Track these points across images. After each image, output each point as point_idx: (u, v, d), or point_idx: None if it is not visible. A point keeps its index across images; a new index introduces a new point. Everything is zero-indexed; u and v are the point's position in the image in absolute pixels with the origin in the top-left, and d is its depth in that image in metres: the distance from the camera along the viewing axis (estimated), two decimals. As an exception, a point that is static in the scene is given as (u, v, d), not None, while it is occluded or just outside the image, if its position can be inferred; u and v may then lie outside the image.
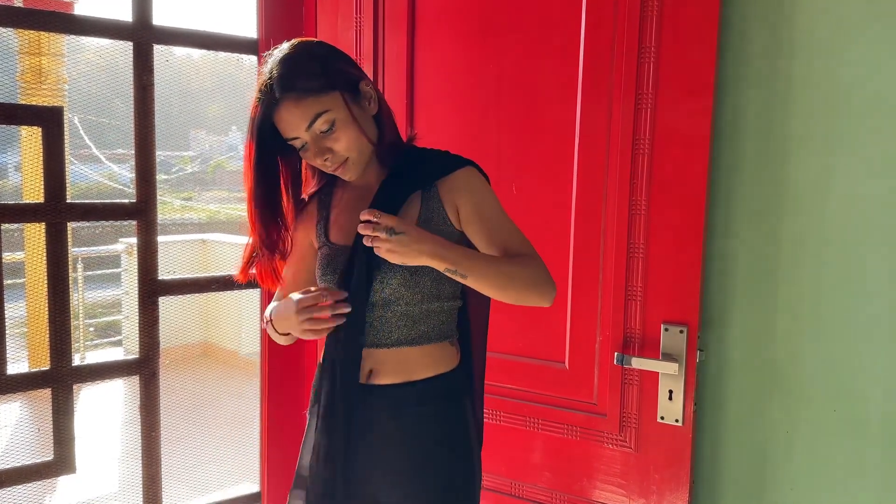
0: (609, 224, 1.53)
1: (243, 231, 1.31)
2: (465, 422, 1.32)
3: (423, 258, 1.13)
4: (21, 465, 1.63)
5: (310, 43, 1.24)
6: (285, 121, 1.17)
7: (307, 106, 1.15)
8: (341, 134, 1.18)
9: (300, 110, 1.16)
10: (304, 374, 1.99)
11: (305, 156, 1.22)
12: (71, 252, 1.64)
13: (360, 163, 1.23)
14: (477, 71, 1.68)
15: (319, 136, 1.18)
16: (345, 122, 1.18)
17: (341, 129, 1.18)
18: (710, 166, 1.44)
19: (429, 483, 1.26)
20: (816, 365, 1.45)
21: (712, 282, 1.53)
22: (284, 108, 1.16)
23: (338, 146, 1.19)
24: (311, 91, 1.15)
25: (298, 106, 1.15)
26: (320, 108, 1.16)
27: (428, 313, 1.26)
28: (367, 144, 1.23)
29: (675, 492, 1.49)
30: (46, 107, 1.58)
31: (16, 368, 1.57)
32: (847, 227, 1.40)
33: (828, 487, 1.45)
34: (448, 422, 1.30)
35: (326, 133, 1.18)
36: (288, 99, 1.15)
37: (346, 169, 1.22)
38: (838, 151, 1.40)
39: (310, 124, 1.16)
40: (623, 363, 1.50)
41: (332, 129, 1.18)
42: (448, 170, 1.26)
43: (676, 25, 1.43)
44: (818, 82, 1.41)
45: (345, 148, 1.19)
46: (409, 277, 1.23)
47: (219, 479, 3.64)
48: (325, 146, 1.19)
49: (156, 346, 1.77)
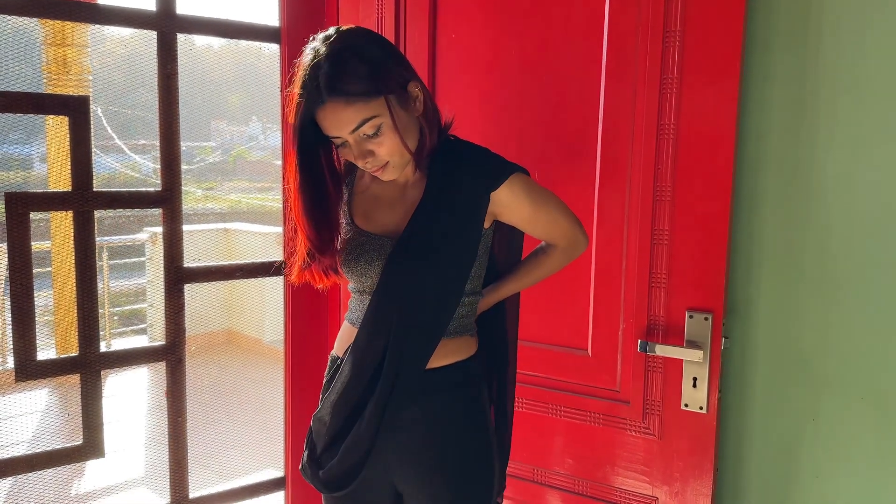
0: (633, 210, 1.52)
1: (265, 220, 1.31)
2: (482, 408, 1.32)
3: None
4: (52, 450, 1.65)
5: (359, 38, 1.17)
6: (329, 121, 1.14)
7: (355, 110, 1.12)
8: (385, 139, 1.15)
9: (347, 114, 1.12)
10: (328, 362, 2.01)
11: (344, 153, 1.20)
12: (96, 241, 1.66)
13: (401, 165, 1.22)
14: (499, 56, 1.67)
15: (363, 139, 1.16)
16: (390, 128, 1.15)
17: (386, 134, 1.15)
18: (736, 151, 1.42)
19: (446, 469, 1.27)
20: (843, 353, 1.43)
21: (738, 268, 1.52)
22: (330, 110, 1.12)
23: (381, 150, 1.16)
24: (360, 95, 1.11)
25: (346, 110, 1.12)
26: (368, 114, 1.12)
27: None
28: (412, 145, 1.21)
29: (699, 479, 1.49)
30: (73, 96, 1.59)
31: (44, 355, 1.59)
32: (873, 214, 1.37)
33: (853, 477, 1.44)
34: (465, 408, 1.30)
35: (371, 137, 1.15)
36: (335, 101, 1.11)
37: (386, 171, 1.21)
38: (866, 138, 1.37)
39: (355, 128, 1.13)
40: (647, 350, 1.49)
41: (377, 134, 1.15)
42: (494, 184, 1.23)
43: (702, 9, 1.41)
44: (846, 70, 1.38)
45: (387, 152, 1.17)
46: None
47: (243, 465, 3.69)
48: (368, 149, 1.16)
49: (182, 333, 1.79)
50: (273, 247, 5.12)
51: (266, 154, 11.38)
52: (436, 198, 1.24)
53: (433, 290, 1.25)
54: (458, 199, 1.24)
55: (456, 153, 1.28)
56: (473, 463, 1.30)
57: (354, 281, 1.30)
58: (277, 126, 1.95)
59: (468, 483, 1.29)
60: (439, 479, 1.27)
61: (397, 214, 1.28)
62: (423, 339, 1.25)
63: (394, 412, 1.25)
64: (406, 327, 1.23)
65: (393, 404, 1.24)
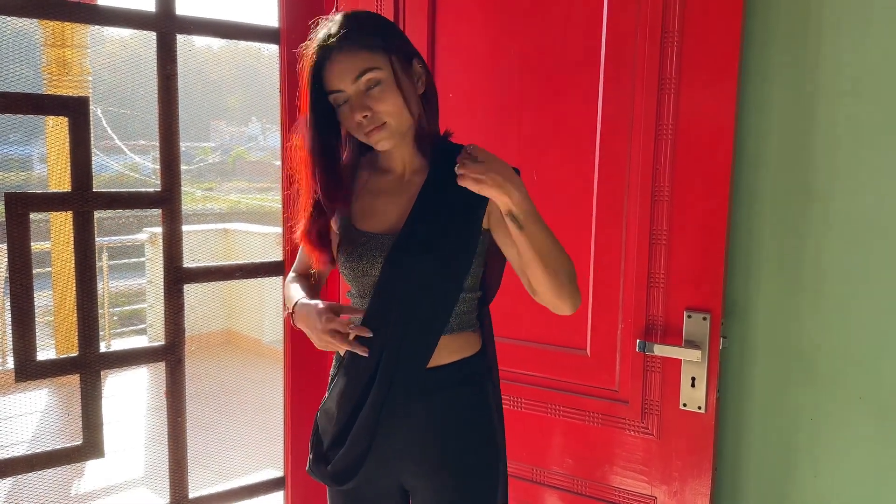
0: (631, 210, 1.52)
1: (265, 221, 1.31)
2: (487, 405, 1.33)
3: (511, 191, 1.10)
4: (52, 450, 1.66)
5: (372, 12, 1.28)
6: (335, 70, 1.18)
7: (359, 59, 1.17)
8: (386, 96, 1.18)
9: (351, 62, 1.17)
10: (327, 362, 2.01)
11: (343, 113, 1.22)
12: (96, 241, 1.66)
13: (397, 133, 1.22)
14: (498, 55, 1.68)
15: (363, 93, 1.18)
16: (391, 86, 1.18)
17: (386, 92, 1.18)
18: (735, 151, 1.42)
19: (452, 466, 1.27)
20: (841, 352, 1.43)
21: (736, 268, 1.52)
22: (336, 58, 1.18)
23: (379, 107, 1.18)
24: (366, 47, 1.18)
25: (350, 57, 1.17)
26: (371, 64, 1.17)
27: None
28: (408, 117, 1.22)
29: (698, 479, 1.49)
30: (73, 97, 1.60)
31: (44, 355, 1.60)
32: (872, 214, 1.38)
33: (852, 476, 1.44)
34: (471, 405, 1.31)
35: (370, 91, 1.18)
36: (342, 49, 1.17)
37: (382, 134, 1.21)
38: (864, 137, 1.38)
39: (357, 77, 1.17)
40: (645, 350, 1.50)
41: (377, 87, 1.18)
42: None
43: (700, 9, 1.41)
44: (843, 68, 1.39)
45: (385, 111, 1.19)
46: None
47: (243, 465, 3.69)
48: (366, 104, 1.19)
49: (181, 333, 1.79)
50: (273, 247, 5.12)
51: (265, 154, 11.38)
52: (435, 191, 1.25)
53: (432, 285, 1.25)
54: (459, 192, 1.22)
55: (456, 151, 1.28)
56: (478, 459, 1.30)
57: (356, 283, 1.29)
58: (277, 126, 1.95)
59: (473, 480, 1.29)
60: (444, 475, 1.27)
61: (398, 211, 1.27)
62: (422, 335, 1.25)
63: (396, 409, 1.25)
64: (405, 323, 1.24)
65: (393, 401, 1.24)
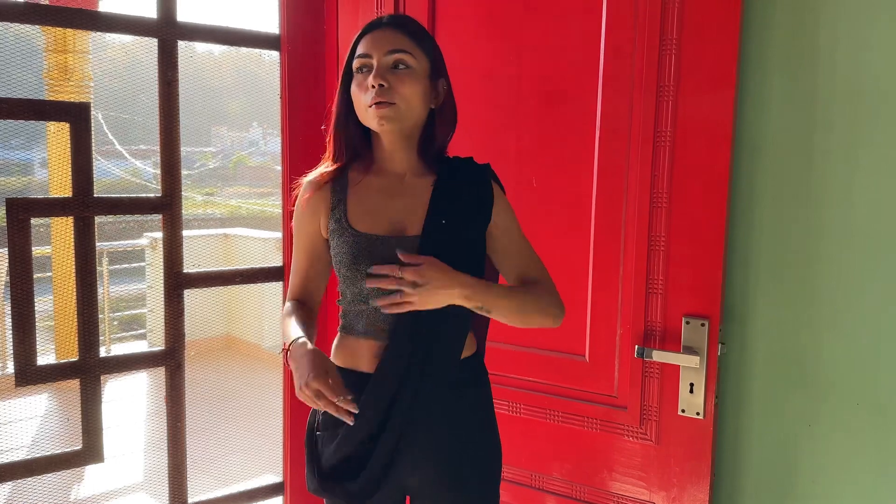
0: (630, 217, 1.53)
1: (265, 226, 1.31)
2: (489, 405, 1.35)
3: (453, 300, 1.20)
4: (51, 454, 1.66)
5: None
6: (373, 38, 1.25)
7: (399, 39, 1.25)
8: (408, 80, 1.24)
9: (392, 37, 1.24)
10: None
11: (358, 79, 1.26)
12: (96, 246, 1.67)
13: (403, 119, 1.25)
14: (497, 64, 1.68)
15: (388, 68, 1.24)
16: (416, 75, 1.25)
17: (411, 77, 1.24)
18: (733, 159, 1.43)
19: (456, 464, 1.28)
20: (839, 358, 1.44)
21: (734, 275, 1.52)
22: (379, 31, 1.26)
23: (398, 86, 1.23)
24: (411, 34, 1.26)
25: (392, 34, 1.25)
26: (409, 48, 1.25)
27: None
28: (417, 113, 1.27)
29: (697, 484, 1.49)
30: (74, 102, 1.61)
31: (44, 360, 1.60)
32: (870, 219, 1.38)
33: (850, 481, 1.44)
34: (474, 405, 1.33)
35: (396, 69, 1.24)
36: (389, 26, 1.26)
37: (387, 112, 1.23)
38: (863, 143, 1.38)
39: (390, 51, 1.23)
40: (644, 356, 1.50)
41: (404, 69, 1.24)
42: (493, 173, 1.36)
43: (699, 17, 1.42)
44: (843, 73, 1.39)
45: (401, 93, 1.23)
46: None
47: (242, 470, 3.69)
48: (388, 76, 1.23)
49: (181, 338, 1.80)
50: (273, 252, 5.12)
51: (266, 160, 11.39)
52: (448, 193, 1.28)
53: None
54: (470, 189, 1.30)
55: (459, 161, 1.36)
56: (480, 458, 1.32)
57: (352, 287, 1.29)
58: (277, 132, 1.96)
59: (477, 482, 1.31)
60: (446, 477, 1.28)
61: (403, 212, 1.28)
62: (456, 331, 1.29)
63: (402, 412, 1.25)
64: (439, 322, 1.25)
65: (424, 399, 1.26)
